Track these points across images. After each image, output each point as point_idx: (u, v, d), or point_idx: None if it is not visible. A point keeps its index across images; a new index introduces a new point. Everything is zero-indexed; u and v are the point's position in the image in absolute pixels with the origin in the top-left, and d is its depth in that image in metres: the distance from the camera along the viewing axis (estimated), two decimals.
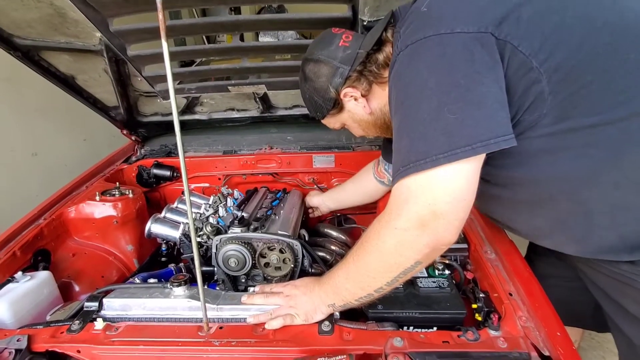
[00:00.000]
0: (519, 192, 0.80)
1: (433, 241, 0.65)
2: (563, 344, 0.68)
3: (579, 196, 0.73)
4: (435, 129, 0.63)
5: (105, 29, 1.04)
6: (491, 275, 0.88)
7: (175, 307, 0.85)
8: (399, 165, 0.67)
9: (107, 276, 1.25)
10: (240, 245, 1.02)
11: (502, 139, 0.61)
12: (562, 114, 0.66)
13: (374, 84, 0.86)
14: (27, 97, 2.26)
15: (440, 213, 0.63)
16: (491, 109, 0.62)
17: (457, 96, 0.62)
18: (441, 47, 0.64)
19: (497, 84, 0.63)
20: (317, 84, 0.89)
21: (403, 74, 0.69)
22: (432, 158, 0.62)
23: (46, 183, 2.39)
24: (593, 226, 0.75)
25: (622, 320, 0.85)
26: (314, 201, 1.46)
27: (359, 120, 0.95)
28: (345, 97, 0.89)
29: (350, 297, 0.77)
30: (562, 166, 0.71)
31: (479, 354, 0.69)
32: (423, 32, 0.66)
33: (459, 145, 0.61)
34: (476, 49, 0.62)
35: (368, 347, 0.73)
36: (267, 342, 0.76)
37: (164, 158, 1.59)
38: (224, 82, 1.33)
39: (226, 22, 1.02)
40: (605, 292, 0.87)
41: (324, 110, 0.94)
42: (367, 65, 0.84)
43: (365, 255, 0.73)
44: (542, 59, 0.63)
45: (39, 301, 0.99)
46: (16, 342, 0.78)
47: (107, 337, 0.79)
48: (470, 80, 0.62)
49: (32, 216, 1.19)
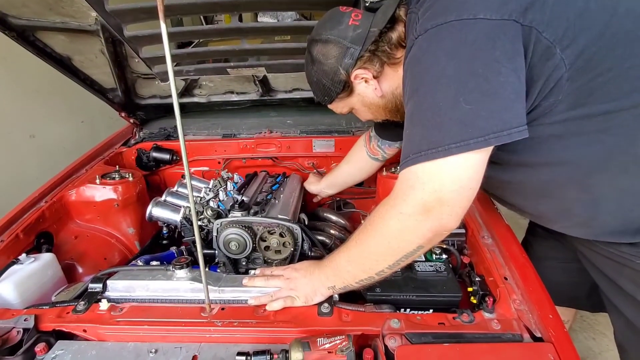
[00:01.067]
0: (528, 178, 0.81)
1: (436, 227, 0.67)
2: (555, 326, 0.70)
3: (588, 182, 0.74)
4: (451, 118, 0.62)
5: (100, 9, 1.01)
6: (487, 260, 0.90)
7: (178, 289, 0.87)
8: (409, 151, 0.67)
9: (110, 258, 1.26)
10: (241, 229, 1.03)
11: (515, 130, 0.61)
12: (577, 100, 0.66)
13: (386, 65, 0.83)
14: (24, 78, 2.23)
15: (446, 200, 0.64)
16: (507, 100, 0.61)
17: (474, 86, 0.61)
18: (462, 33, 0.62)
19: (516, 74, 0.62)
20: (326, 65, 0.84)
21: (421, 59, 0.67)
22: (445, 147, 0.62)
23: (45, 165, 2.39)
24: (599, 212, 0.77)
25: (619, 299, 0.88)
26: (312, 189, 1.46)
27: (368, 104, 0.92)
28: (356, 80, 0.86)
29: (351, 279, 0.79)
30: (573, 151, 0.72)
31: (473, 335, 0.72)
32: (444, 17, 0.64)
33: (472, 136, 0.61)
34: (498, 37, 0.61)
35: (366, 328, 0.75)
36: (268, 323, 0.78)
37: (163, 141, 1.58)
38: (223, 65, 1.31)
39: (225, 2, 0.99)
40: (603, 272, 0.89)
41: (332, 93, 0.90)
42: (380, 45, 0.80)
43: (368, 239, 0.75)
44: (565, 45, 0.63)
45: (43, 282, 1.01)
46: (24, 321, 0.80)
47: (112, 317, 0.81)
48: (488, 69, 0.61)
49: (34, 199, 1.20)
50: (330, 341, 0.69)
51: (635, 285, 0.82)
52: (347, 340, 0.69)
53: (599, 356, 1.59)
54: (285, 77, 1.43)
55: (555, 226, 0.89)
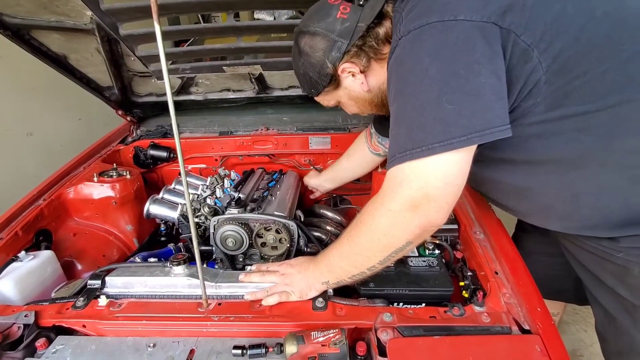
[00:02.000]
0: (509, 175, 0.83)
1: (424, 223, 0.68)
2: (542, 318, 0.73)
3: (567, 178, 0.76)
4: (434, 118, 0.64)
5: (95, 7, 1.02)
6: (479, 255, 0.92)
7: (176, 285, 0.89)
8: (395, 151, 0.68)
9: (108, 255, 1.28)
10: (238, 226, 1.05)
11: (497, 129, 0.63)
12: (554, 102, 0.68)
13: (373, 60, 0.84)
14: (21, 76, 2.23)
15: (432, 196, 0.66)
16: (488, 100, 0.63)
17: (456, 86, 0.63)
18: (444, 34, 0.64)
19: (496, 75, 0.64)
20: (313, 58, 0.84)
21: (404, 60, 0.69)
22: (429, 146, 0.64)
23: (42, 163, 2.39)
24: (578, 206, 0.79)
25: (599, 292, 0.90)
26: (312, 183, 1.48)
27: (355, 98, 0.92)
28: (343, 73, 0.86)
29: (344, 275, 0.80)
30: (552, 150, 0.74)
31: (463, 328, 0.74)
32: (427, 18, 0.66)
33: (455, 135, 0.62)
34: (477, 38, 0.63)
35: (359, 322, 0.77)
36: (264, 318, 0.80)
37: (160, 139, 1.59)
38: (219, 62, 1.31)
39: (220, 0, 1.00)
40: (585, 266, 0.91)
41: (319, 86, 0.89)
42: (367, 40, 0.81)
43: (359, 236, 0.76)
44: (542, 49, 0.64)
45: (43, 279, 1.03)
46: (24, 317, 0.81)
47: (110, 312, 0.82)
48: (469, 70, 0.62)
49: (32, 197, 1.21)
50: (324, 335, 0.71)
51: (615, 278, 0.84)
52: (341, 333, 0.71)
53: (590, 348, 1.62)
54: (281, 75, 1.43)
55: (536, 221, 0.91)
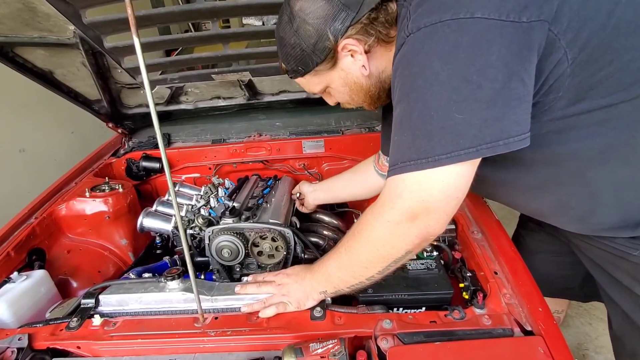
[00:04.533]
0: (523, 175, 0.78)
1: (423, 233, 0.67)
2: (544, 319, 0.71)
3: (586, 175, 0.72)
4: (442, 127, 0.59)
5: (78, 21, 1.00)
6: (477, 255, 0.91)
7: (171, 300, 0.87)
8: (397, 159, 0.65)
9: (104, 271, 1.26)
10: (233, 236, 1.03)
11: (512, 140, 0.58)
12: (577, 95, 0.64)
13: (379, 42, 0.73)
14: (11, 92, 2.21)
15: (433, 209, 0.63)
16: (504, 107, 0.58)
17: (467, 94, 0.58)
18: (458, 34, 0.58)
19: (518, 77, 0.58)
20: (311, 26, 0.70)
21: (413, 61, 0.62)
22: (435, 158, 0.60)
23: (36, 179, 2.36)
24: (597, 205, 0.75)
25: (615, 292, 0.87)
26: (304, 188, 1.34)
27: (351, 83, 0.80)
28: (343, 51, 0.73)
29: (342, 285, 0.79)
30: (571, 145, 0.69)
31: (465, 331, 0.72)
32: (439, 14, 0.59)
33: (463, 146, 0.58)
34: (494, 39, 0.57)
35: (359, 330, 0.75)
36: (262, 330, 0.78)
37: (152, 150, 1.58)
38: (207, 71, 1.30)
39: (203, 9, 0.98)
40: (599, 265, 0.88)
41: (310, 63, 0.75)
42: (379, 15, 0.70)
43: (357, 246, 0.75)
44: (569, 38, 0.59)
45: (36, 300, 1.01)
46: (17, 341, 0.80)
47: (105, 332, 0.81)
48: (483, 76, 0.57)
49: (23, 216, 1.19)
50: (323, 346, 0.69)
51: (631, 278, 0.81)
52: (340, 344, 0.69)
53: (596, 341, 1.61)
54: (271, 80, 1.42)
55: (551, 221, 0.88)
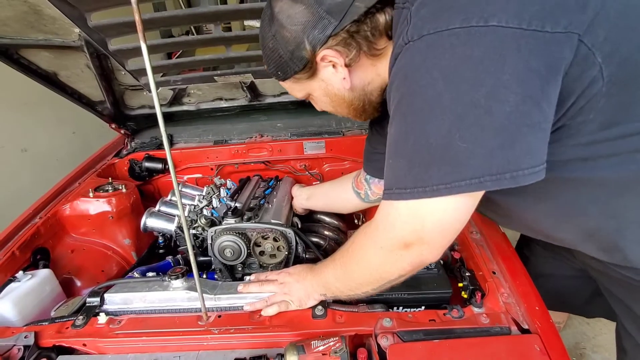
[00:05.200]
0: (540, 202, 0.69)
1: (416, 261, 0.65)
2: (541, 317, 0.73)
3: (615, 206, 0.63)
4: (442, 157, 0.53)
5: (83, 25, 1.02)
6: (476, 255, 0.92)
7: (175, 299, 0.89)
8: (392, 184, 0.59)
9: (107, 270, 1.28)
10: (235, 236, 1.05)
11: (522, 173, 0.51)
12: (611, 119, 0.55)
13: (363, 54, 0.67)
14: (12, 92, 2.22)
15: (427, 240, 0.60)
16: (515, 134, 0.50)
17: (473, 120, 0.50)
18: (467, 48, 0.49)
19: (533, 100, 0.49)
20: (289, 32, 0.65)
21: (412, 76, 0.54)
22: (433, 187, 0.54)
23: (38, 178, 2.38)
24: (623, 240, 0.67)
25: (630, 322, 0.83)
26: (293, 190, 1.33)
27: (332, 95, 0.74)
28: (323, 61, 0.67)
29: (339, 293, 0.80)
30: (600, 173, 0.60)
31: (463, 330, 0.74)
32: (446, 20, 0.51)
33: (464, 177, 0.52)
34: (510, 52, 0.48)
35: (359, 328, 0.77)
36: (264, 328, 0.80)
37: (154, 150, 1.59)
38: (210, 73, 1.32)
39: (207, 12, 1.00)
40: (614, 294, 0.84)
41: (288, 70, 0.69)
42: (363, 27, 0.63)
43: (351, 265, 0.75)
44: (606, 52, 0.50)
45: (41, 298, 1.02)
46: (24, 338, 0.81)
47: (110, 330, 0.82)
48: (493, 99, 0.49)
49: (28, 215, 1.20)
50: (324, 343, 0.71)
51: None
52: (341, 341, 0.71)
53: (593, 340, 1.63)
54: (272, 82, 1.44)
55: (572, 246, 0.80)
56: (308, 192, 1.28)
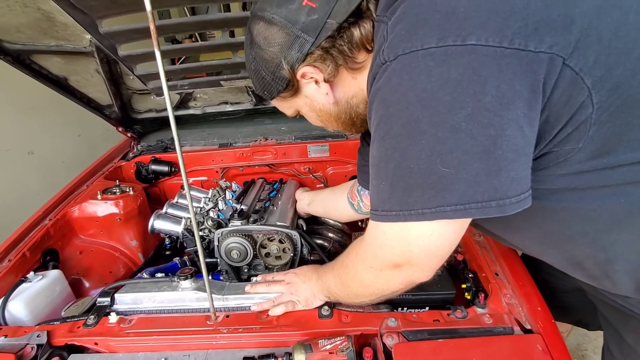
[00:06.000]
0: (527, 227, 0.68)
1: (407, 281, 0.66)
2: (543, 318, 0.75)
3: (604, 239, 0.60)
4: (424, 182, 0.51)
5: (94, 31, 1.04)
6: (479, 257, 0.94)
7: (184, 299, 0.91)
8: (377, 206, 0.58)
9: (115, 271, 1.30)
10: (241, 238, 1.07)
11: (509, 201, 0.49)
12: (601, 148, 0.51)
13: (343, 68, 0.66)
14: (20, 95, 2.25)
15: (415, 263, 0.60)
16: (500, 160, 0.48)
17: (454, 145, 0.48)
18: (444, 69, 0.47)
19: (516, 124, 0.47)
20: (267, 53, 0.66)
21: (387, 101, 0.53)
22: (418, 211, 0.52)
23: (45, 181, 2.41)
24: (613, 271, 0.64)
25: (617, 348, 0.83)
26: (297, 194, 1.36)
27: (318, 110, 0.75)
28: (304, 78, 0.68)
29: (341, 300, 0.82)
30: (589, 205, 0.57)
31: (466, 329, 0.75)
32: (421, 39, 0.48)
33: (449, 202, 0.50)
34: (491, 74, 0.45)
35: (365, 328, 0.79)
36: (272, 328, 0.82)
37: (161, 153, 1.61)
38: (216, 77, 1.34)
39: (215, 19, 1.03)
40: (605, 317, 0.84)
41: (272, 90, 0.71)
42: (337, 42, 0.62)
43: (347, 278, 0.76)
44: (596, 77, 0.47)
45: (52, 298, 1.04)
46: (36, 337, 0.83)
47: (121, 329, 0.84)
48: (474, 122, 0.47)
49: (38, 217, 1.23)
50: (331, 342, 0.73)
51: (636, 338, 0.76)
52: (347, 340, 0.73)
53: (595, 341, 1.64)
54: None
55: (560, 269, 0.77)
56: (309, 198, 1.30)
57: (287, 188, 1.47)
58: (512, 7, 0.45)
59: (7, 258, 1.07)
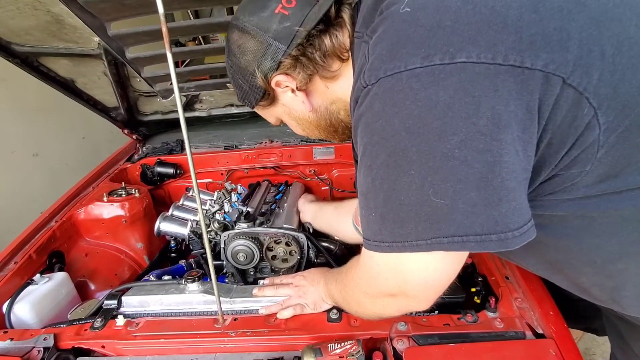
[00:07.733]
0: (531, 258, 0.66)
1: (404, 309, 0.66)
2: (555, 322, 0.74)
3: (612, 267, 0.58)
4: (417, 214, 0.47)
5: (103, 34, 1.05)
6: (488, 260, 0.93)
7: (191, 302, 0.90)
8: (369, 235, 0.54)
9: (120, 274, 1.29)
10: (248, 240, 1.06)
11: (511, 234, 0.45)
12: (609, 171, 0.48)
13: (317, 77, 0.65)
14: (25, 98, 2.27)
15: (412, 295, 0.57)
16: (498, 189, 0.43)
17: (447, 174, 0.44)
18: (432, 90, 0.42)
19: (513, 147, 0.43)
20: (242, 62, 0.65)
21: (372, 126, 0.48)
22: (412, 243, 0.48)
23: (49, 183, 2.42)
24: (620, 297, 0.62)
25: (622, 354, 0.83)
26: (299, 203, 1.32)
27: (297, 118, 0.74)
28: (279, 87, 0.67)
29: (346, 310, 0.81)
30: (597, 232, 0.54)
31: (478, 334, 0.74)
32: (404, 59, 0.43)
33: (445, 233, 0.46)
34: (486, 94, 0.41)
35: (374, 332, 0.78)
36: (280, 331, 0.81)
37: (166, 156, 1.61)
38: (222, 80, 1.34)
39: (223, 22, 1.03)
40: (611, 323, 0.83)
41: (251, 98, 0.70)
42: (307, 49, 0.61)
43: (346, 295, 0.75)
44: (603, 96, 0.43)
45: (58, 301, 1.04)
46: (43, 340, 0.82)
47: (128, 332, 0.83)
48: (469, 148, 0.42)
49: (44, 219, 1.23)
50: (341, 346, 0.72)
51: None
52: (357, 344, 0.72)
53: (603, 346, 1.62)
54: None
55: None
56: (313, 212, 1.24)
57: (292, 190, 1.46)
58: (504, 19, 0.41)
59: (13, 260, 1.07)
